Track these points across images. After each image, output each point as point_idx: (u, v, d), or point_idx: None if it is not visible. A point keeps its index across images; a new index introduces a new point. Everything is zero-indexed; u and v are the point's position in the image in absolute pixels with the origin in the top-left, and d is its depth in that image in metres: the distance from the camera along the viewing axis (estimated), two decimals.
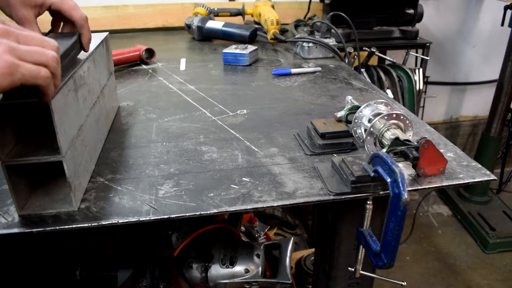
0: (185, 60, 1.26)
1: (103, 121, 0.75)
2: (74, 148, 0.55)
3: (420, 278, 1.83)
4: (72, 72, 0.57)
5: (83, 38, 0.67)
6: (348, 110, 0.72)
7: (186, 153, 0.70)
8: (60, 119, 0.50)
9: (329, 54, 1.30)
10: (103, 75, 0.78)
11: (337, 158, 0.62)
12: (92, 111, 0.67)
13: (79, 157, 0.58)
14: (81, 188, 0.58)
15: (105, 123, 0.78)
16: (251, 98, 0.96)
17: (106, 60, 0.82)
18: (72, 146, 0.54)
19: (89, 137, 0.64)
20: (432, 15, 2.15)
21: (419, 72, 1.63)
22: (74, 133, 0.56)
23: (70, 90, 0.55)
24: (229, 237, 0.96)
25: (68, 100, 0.54)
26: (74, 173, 0.55)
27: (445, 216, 2.26)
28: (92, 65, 0.69)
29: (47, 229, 0.51)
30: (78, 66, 0.60)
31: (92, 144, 0.66)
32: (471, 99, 2.51)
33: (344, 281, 0.76)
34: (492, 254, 1.96)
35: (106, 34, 0.83)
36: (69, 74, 0.56)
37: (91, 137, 0.65)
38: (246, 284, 0.84)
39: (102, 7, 1.68)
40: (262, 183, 0.61)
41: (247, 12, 1.66)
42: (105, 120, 0.77)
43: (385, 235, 0.53)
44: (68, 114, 0.54)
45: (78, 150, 0.57)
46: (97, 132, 0.70)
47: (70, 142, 0.54)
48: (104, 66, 0.80)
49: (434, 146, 0.59)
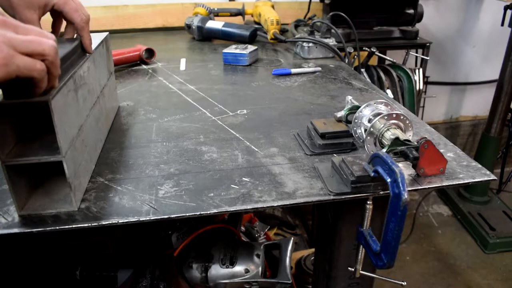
0: (185, 60, 1.26)
1: (103, 121, 0.75)
2: (74, 148, 0.55)
3: (420, 278, 1.83)
4: (72, 72, 0.57)
5: (84, 40, 0.67)
6: (348, 110, 0.72)
7: (186, 153, 0.70)
8: (60, 119, 0.50)
9: (329, 54, 1.30)
10: (103, 75, 0.78)
11: (337, 158, 0.62)
12: (92, 111, 0.67)
13: (79, 157, 0.57)
14: (81, 188, 0.58)
15: (105, 123, 0.78)
16: (251, 98, 0.96)
17: (106, 60, 0.82)
18: (72, 146, 0.54)
19: (89, 137, 0.64)
20: (432, 15, 2.15)
21: (419, 72, 1.63)
22: (74, 133, 0.56)
23: (70, 90, 0.55)
24: (229, 237, 0.97)
25: (68, 100, 0.54)
26: (74, 173, 0.54)
27: (445, 216, 2.26)
28: (92, 65, 0.69)
29: (47, 229, 0.51)
30: (78, 66, 0.60)
31: (92, 144, 0.66)
32: (471, 99, 2.51)
33: (344, 281, 0.76)
34: (492, 254, 1.96)
35: (106, 34, 0.82)
36: (69, 74, 0.56)
37: (91, 137, 0.65)
38: (246, 284, 0.84)
39: (102, 7, 1.68)
40: (262, 183, 0.61)
41: (247, 12, 1.66)
42: (105, 120, 0.77)
43: (385, 235, 0.53)
44: (68, 114, 0.54)
45: (78, 150, 0.57)
46: (97, 132, 0.70)
47: (70, 142, 0.54)
48: (104, 66, 0.79)
49: (434, 146, 0.59)
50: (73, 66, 0.60)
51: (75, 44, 0.63)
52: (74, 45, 0.63)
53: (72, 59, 0.61)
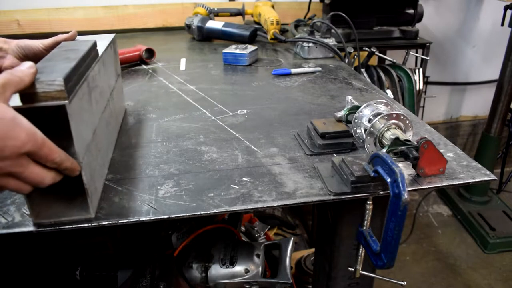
0: (185, 60, 1.26)
1: (113, 124, 0.73)
2: (90, 153, 0.53)
3: (420, 278, 1.83)
4: (86, 75, 0.55)
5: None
6: (348, 110, 0.72)
7: (186, 153, 0.70)
8: (76, 124, 0.48)
9: (329, 54, 1.30)
10: (112, 77, 0.76)
11: (337, 158, 0.62)
12: (103, 114, 0.64)
13: (94, 162, 0.55)
14: (97, 194, 0.56)
15: (115, 126, 0.75)
16: (251, 98, 0.96)
17: (114, 62, 0.80)
18: (88, 152, 0.52)
19: (102, 141, 0.61)
20: (432, 15, 2.15)
21: (419, 72, 1.63)
22: (89, 137, 0.54)
23: (84, 93, 0.53)
24: (229, 237, 0.97)
25: (83, 104, 0.52)
26: (91, 179, 0.52)
27: (445, 216, 2.26)
28: (102, 67, 0.67)
29: (47, 229, 0.51)
30: (91, 68, 0.58)
31: (105, 148, 0.64)
32: (471, 99, 2.51)
33: (344, 281, 0.76)
34: (492, 254, 1.96)
35: (113, 35, 0.80)
36: (83, 77, 0.54)
37: (104, 141, 0.63)
38: (246, 284, 0.84)
39: (102, 7, 1.68)
40: (262, 183, 0.61)
41: (247, 12, 1.66)
42: (115, 123, 0.75)
43: (385, 235, 0.53)
44: (83, 119, 0.52)
45: (93, 155, 0.55)
46: (108, 136, 0.68)
47: (86, 147, 0.52)
48: (112, 68, 0.77)
49: (434, 146, 0.59)
50: (87, 69, 0.57)
51: (89, 46, 0.61)
52: (89, 46, 0.60)
53: (88, 62, 0.58)
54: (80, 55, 0.54)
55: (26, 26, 1.63)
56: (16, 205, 0.55)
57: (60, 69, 0.48)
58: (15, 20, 1.61)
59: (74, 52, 0.56)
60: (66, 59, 0.52)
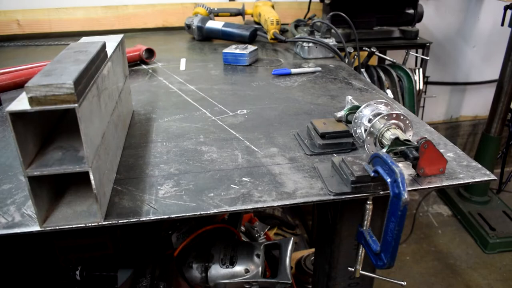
0: (185, 60, 1.26)
1: (121, 127, 0.72)
2: (99, 157, 0.52)
3: (420, 278, 1.83)
4: (95, 77, 0.53)
5: None
6: (348, 110, 0.72)
7: (186, 153, 0.70)
8: (86, 127, 0.47)
9: (329, 54, 1.30)
10: (120, 78, 0.75)
11: (337, 158, 0.62)
12: (112, 117, 0.63)
13: (103, 166, 0.54)
14: (106, 199, 0.55)
15: (123, 129, 0.74)
16: (251, 98, 0.96)
17: (122, 63, 0.78)
18: (97, 155, 0.51)
19: (111, 144, 0.60)
20: (432, 15, 2.15)
21: (419, 72, 1.63)
22: (98, 141, 0.53)
23: (94, 96, 0.52)
24: (229, 237, 0.97)
25: (92, 107, 0.51)
26: (100, 184, 0.51)
27: (445, 216, 2.26)
28: (111, 69, 0.66)
29: (47, 229, 0.51)
30: (100, 70, 0.57)
31: (114, 152, 0.63)
32: (471, 99, 2.51)
33: (344, 281, 0.76)
34: (492, 254, 1.96)
35: (122, 36, 0.78)
36: (92, 80, 0.52)
37: (112, 144, 0.62)
38: (246, 284, 0.84)
39: (102, 7, 1.68)
40: (262, 183, 0.61)
41: (247, 12, 1.66)
42: (123, 126, 0.73)
43: (385, 235, 0.53)
44: (93, 122, 0.51)
45: (102, 159, 0.54)
46: (117, 139, 0.67)
47: (96, 150, 0.51)
48: (120, 70, 0.76)
49: (434, 146, 0.59)
50: (97, 71, 0.56)
51: (99, 47, 0.59)
52: (99, 48, 0.59)
53: (97, 64, 0.57)
54: (89, 57, 0.53)
55: (26, 26, 1.63)
56: (16, 205, 0.55)
57: (70, 71, 0.47)
58: (15, 20, 1.62)
59: (83, 53, 0.55)
60: (76, 61, 0.51)
